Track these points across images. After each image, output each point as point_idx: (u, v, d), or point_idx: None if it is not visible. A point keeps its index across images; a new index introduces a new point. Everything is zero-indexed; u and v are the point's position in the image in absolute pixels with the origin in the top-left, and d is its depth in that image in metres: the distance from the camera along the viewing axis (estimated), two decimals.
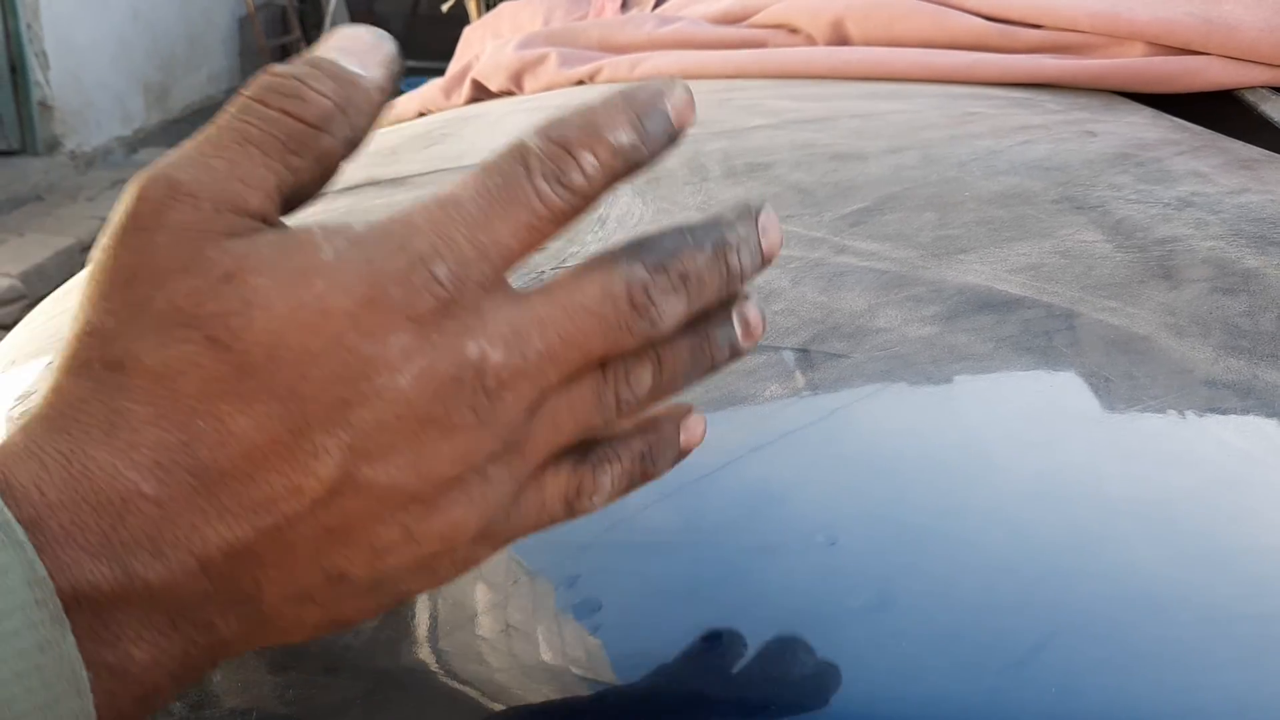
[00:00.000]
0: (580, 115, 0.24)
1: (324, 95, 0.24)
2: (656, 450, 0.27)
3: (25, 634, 0.19)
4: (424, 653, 0.30)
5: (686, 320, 0.25)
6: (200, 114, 4.29)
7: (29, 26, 3.46)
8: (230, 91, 4.47)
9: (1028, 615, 0.28)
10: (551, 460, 0.25)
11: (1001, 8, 0.79)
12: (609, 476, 0.26)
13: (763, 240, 0.25)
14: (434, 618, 0.30)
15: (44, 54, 3.51)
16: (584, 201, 0.24)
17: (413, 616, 0.30)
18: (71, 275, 0.66)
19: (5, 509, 0.20)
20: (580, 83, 0.92)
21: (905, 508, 0.32)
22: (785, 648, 0.28)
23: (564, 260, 0.48)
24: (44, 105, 3.56)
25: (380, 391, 0.22)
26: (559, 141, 0.24)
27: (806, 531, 0.31)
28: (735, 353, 0.27)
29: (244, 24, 4.47)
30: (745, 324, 0.26)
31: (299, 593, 0.23)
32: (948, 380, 0.38)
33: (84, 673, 0.20)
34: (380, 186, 0.63)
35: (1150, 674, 0.27)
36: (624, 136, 0.24)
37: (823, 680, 0.27)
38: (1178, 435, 0.36)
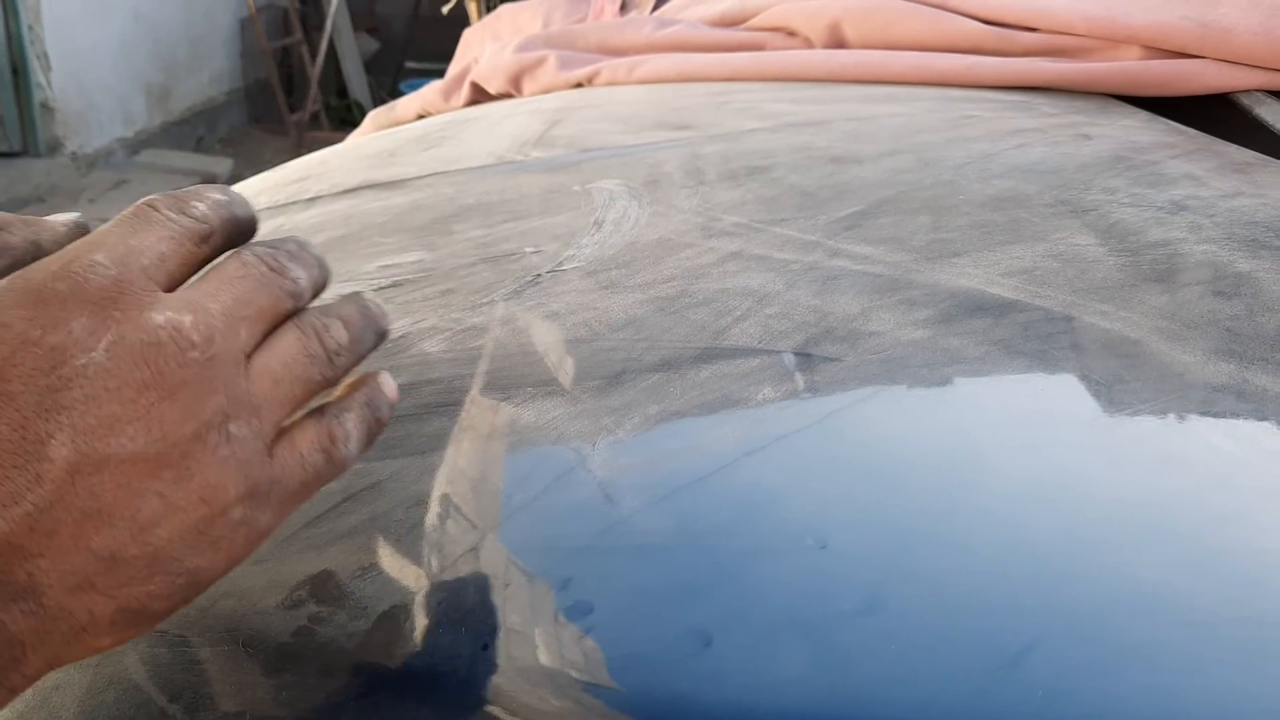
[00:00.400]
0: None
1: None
2: (375, 398, 0.30)
3: None
4: (418, 655, 0.30)
5: (314, 291, 0.30)
6: (201, 115, 4.29)
7: (30, 28, 3.46)
8: (231, 93, 4.48)
9: (1017, 617, 0.28)
10: (292, 420, 0.28)
11: (998, 11, 0.79)
12: (350, 423, 0.29)
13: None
14: (428, 620, 0.30)
15: (45, 55, 3.52)
16: (206, 226, 0.29)
17: (407, 619, 0.30)
18: None
19: None
20: (579, 85, 0.92)
21: (896, 511, 0.32)
22: (776, 650, 0.28)
23: (560, 263, 0.49)
24: (45, 107, 3.56)
25: (80, 371, 0.24)
26: (173, 195, 0.29)
27: (797, 534, 0.31)
28: (387, 325, 0.31)
29: (245, 25, 4.47)
30: (377, 304, 0.31)
31: (76, 581, 0.24)
32: (941, 383, 0.38)
33: None
34: (378, 189, 0.63)
35: (1139, 676, 0.27)
36: (217, 194, 0.30)
37: (813, 682, 0.27)
38: (1169, 438, 0.36)
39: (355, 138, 1.04)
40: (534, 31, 1.07)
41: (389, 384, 0.31)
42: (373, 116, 1.13)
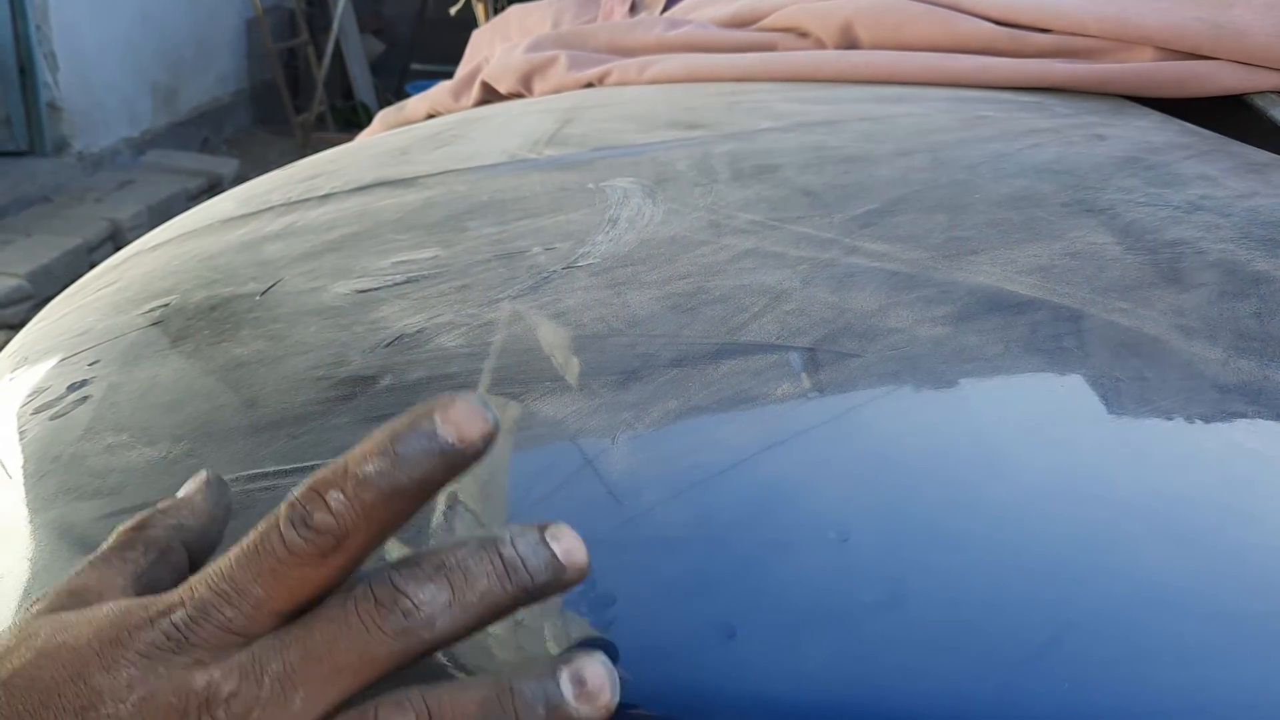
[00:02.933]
0: (340, 456, 0.24)
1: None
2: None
3: None
4: None
5: (467, 619, 0.24)
6: (207, 116, 4.30)
7: (38, 28, 3.47)
8: (237, 94, 4.48)
9: (1039, 613, 0.28)
10: None
11: (1010, 12, 0.79)
12: None
13: (553, 544, 0.24)
14: None
15: (52, 55, 3.52)
16: (334, 539, 0.24)
17: None
18: (78, 276, 0.66)
19: None
20: (589, 85, 0.92)
21: (917, 506, 0.32)
22: (798, 643, 0.28)
23: (575, 260, 0.49)
24: (52, 106, 3.57)
25: (104, 718, 0.24)
26: (313, 484, 0.24)
27: (819, 528, 0.31)
28: (560, 715, 0.23)
29: (252, 26, 4.48)
30: (580, 682, 0.24)
31: None
32: (959, 380, 0.38)
33: None
34: (391, 186, 0.63)
35: (1162, 671, 0.27)
36: (369, 466, 0.24)
37: (835, 675, 0.27)
38: (1188, 436, 0.36)
39: (364, 137, 1.04)
40: (544, 31, 1.07)
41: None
42: (381, 116, 1.13)
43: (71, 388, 0.45)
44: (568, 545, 0.25)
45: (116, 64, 3.82)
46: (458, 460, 0.24)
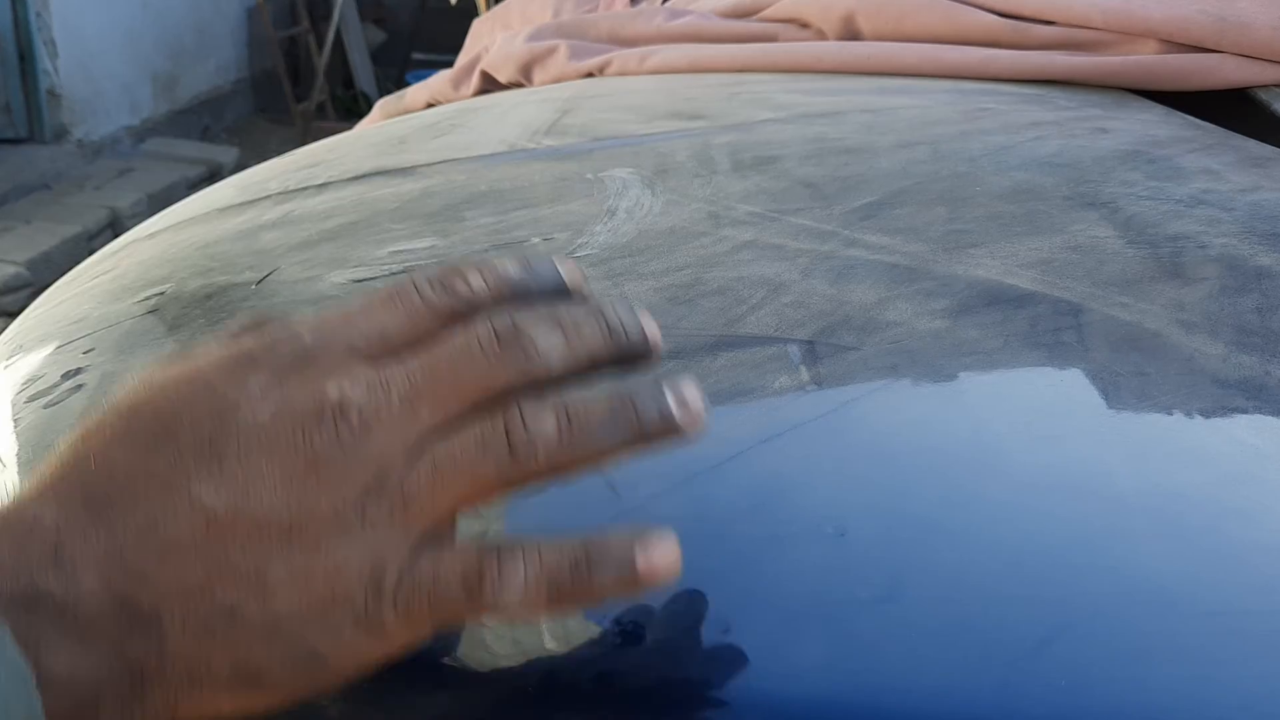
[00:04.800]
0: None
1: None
2: (596, 561, 0.24)
3: None
4: (432, 643, 0.29)
5: (577, 362, 0.25)
6: (208, 104, 4.29)
7: (38, 15, 3.45)
8: (238, 82, 4.47)
9: (1038, 608, 0.28)
10: (452, 526, 0.25)
11: (1014, 4, 0.79)
12: (521, 572, 0.24)
13: (644, 322, 0.27)
14: None
15: (53, 42, 3.51)
16: (465, 304, 0.26)
17: None
18: (78, 264, 0.66)
19: None
20: (590, 75, 0.91)
21: (915, 500, 0.32)
22: (794, 638, 0.27)
23: (574, 250, 0.48)
24: (52, 93, 3.56)
25: (243, 424, 0.25)
26: (452, 267, 0.27)
27: (816, 522, 0.31)
28: (670, 425, 0.25)
29: (253, 15, 4.47)
30: (680, 397, 0.26)
31: (197, 624, 0.24)
32: (958, 374, 0.38)
33: (29, 673, 0.22)
34: (389, 175, 0.63)
35: (1160, 668, 0.27)
36: (511, 268, 0.27)
37: (832, 671, 0.27)
38: (1189, 431, 0.35)
39: (364, 126, 1.03)
40: (544, 21, 1.07)
41: (658, 557, 0.24)
42: (381, 105, 1.13)
43: (66, 376, 0.45)
44: (653, 329, 0.27)
45: (117, 51, 3.80)
46: (556, 296, 0.27)
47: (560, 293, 0.28)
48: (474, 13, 2.56)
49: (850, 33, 0.84)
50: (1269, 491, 0.33)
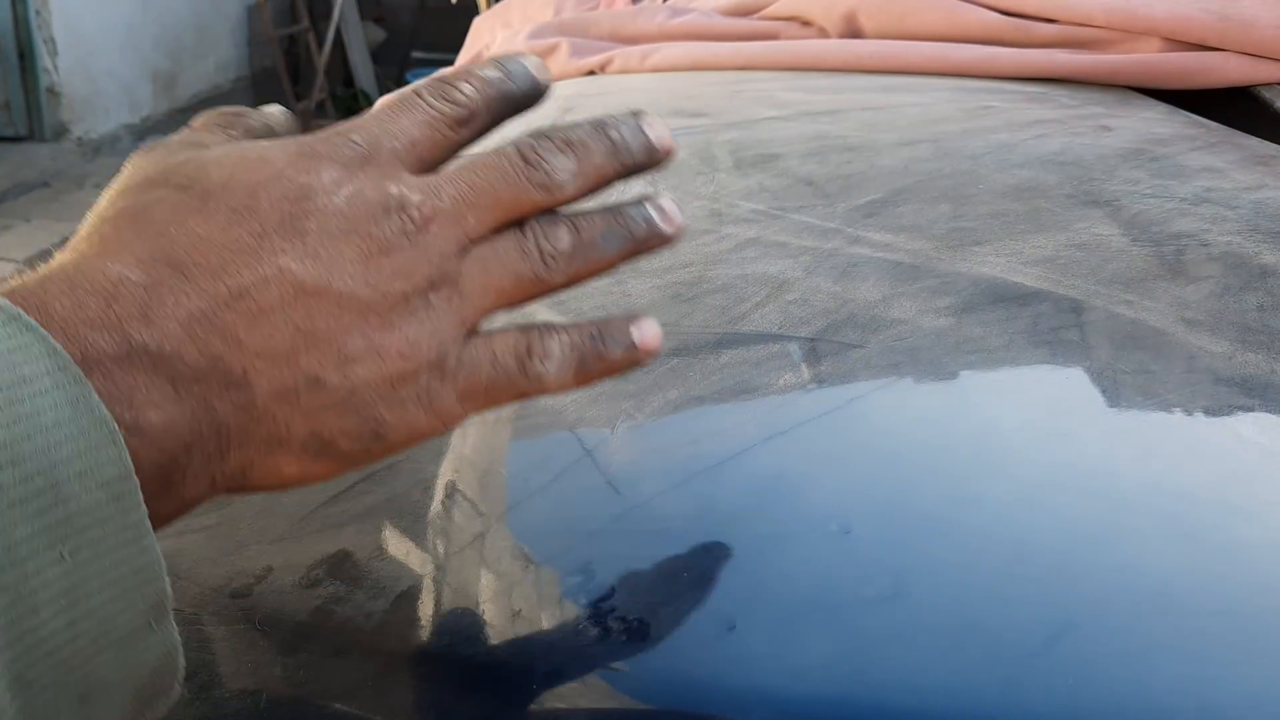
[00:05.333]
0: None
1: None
2: (606, 333, 0.29)
3: (54, 393, 0.22)
4: (434, 637, 0.29)
5: (585, 183, 0.29)
6: (208, 103, 4.28)
7: (38, 13, 3.45)
8: (238, 81, 4.47)
9: (1043, 607, 0.28)
10: (497, 315, 0.28)
11: (1016, 2, 0.79)
12: (557, 343, 0.28)
13: (645, 129, 0.30)
14: (445, 602, 0.30)
15: (52, 40, 3.51)
16: (465, 110, 0.29)
17: (424, 600, 0.30)
18: None
19: (15, 308, 0.23)
20: (591, 73, 0.91)
21: (920, 498, 0.32)
22: (798, 636, 0.27)
23: None
24: (52, 92, 3.55)
25: (322, 208, 0.26)
26: (441, 77, 0.30)
27: (820, 520, 0.30)
28: (656, 233, 0.30)
29: (252, 13, 4.46)
30: (660, 209, 0.30)
31: (281, 388, 0.26)
32: (962, 372, 0.37)
33: (113, 423, 0.22)
34: None
35: (1166, 667, 0.27)
36: (491, 72, 0.30)
37: (836, 669, 0.27)
38: (1194, 429, 0.35)
39: None
40: (545, 19, 1.07)
41: (648, 329, 0.30)
42: (382, 103, 1.13)
43: None
44: (659, 132, 0.30)
45: (117, 50, 3.80)
46: (539, 91, 0.30)
47: (536, 87, 0.30)
48: (474, 11, 2.56)
49: (852, 31, 0.84)
50: (1274, 489, 0.33)
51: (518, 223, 0.29)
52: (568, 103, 0.75)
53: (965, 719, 0.26)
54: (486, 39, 1.15)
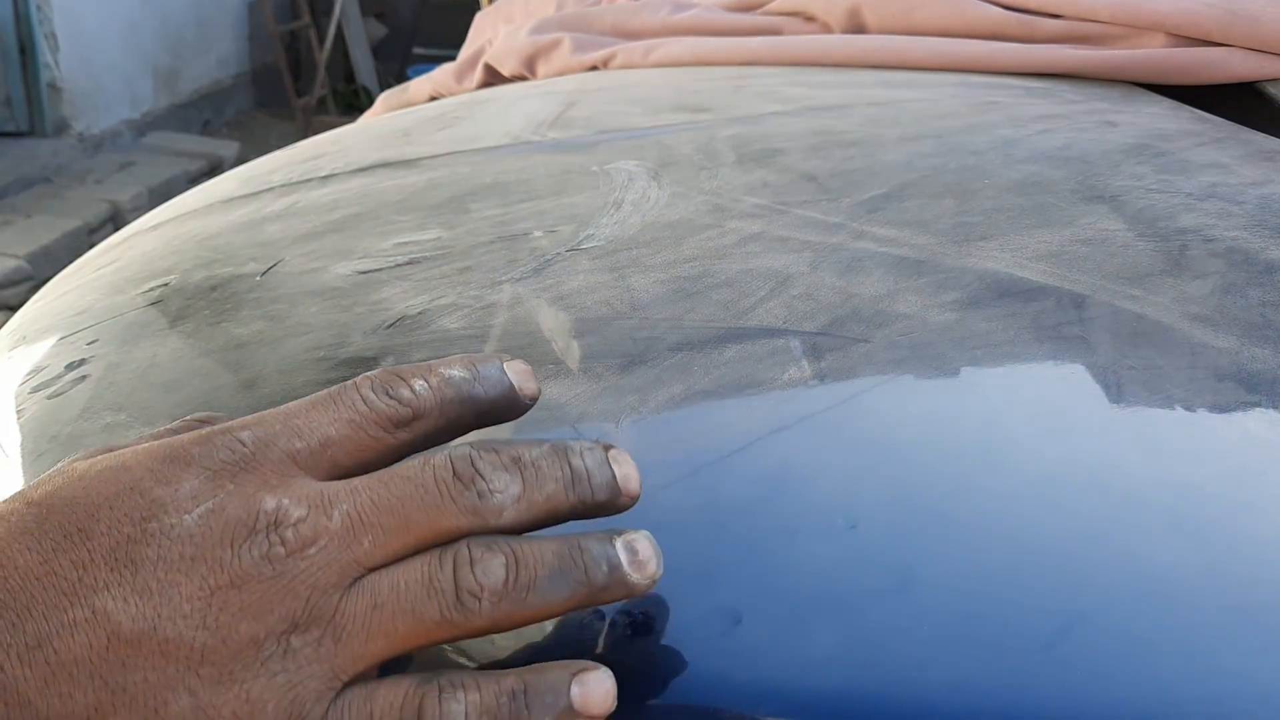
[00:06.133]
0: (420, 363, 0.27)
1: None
2: (533, 693, 0.23)
3: None
4: None
5: (528, 515, 0.24)
6: (208, 98, 4.28)
7: (39, 8, 3.45)
8: (239, 76, 4.46)
9: (1050, 601, 0.28)
10: (381, 666, 0.23)
11: None
12: (461, 706, 0.23)
13: (613, 463, 0.26)
14: None
15: (53, 35, 3.50)
16: (410, 411, 0.25)
17: None
18: (79, 256, 0.66)
19: None
20: (593, 68, 0.91)
21: (926, 492, 0.32)
22: (805, 630, 0.27)
23: (579, 243, 0.48)
24: (53, 87, 3.55)
25: (167, 530, 0.23)
26: (395, 370, 0.26)
27: (827, 514, 0.30)
28: (620, 582, 0.25)
29: (253, 8, 4.46)
30: (632, 550, 0.25)
31: None
32: (968, 367, 0.37)
33: None
34: (393, 167, 0.62)
35: (1173, 662, 0.27)
36: (455, 371, 0.26)
37: (843, 664, 0.27)
38: (1201, 425, 0.35)
39: (367, 119, 1.03)
40: (547, 14, 1.06)
41: (594, 688, 0.23)
42: (384, 98, 1.13)
43: (70, 367, 0.45)
44: (626, 471, 0.26)
45: (117, 45, 3.80)
46: (516, 404, 0.27)
47: (509, 397, 0.27)
48: (475, 7, 2.56)
49: (856, 26, 0.83)
50: None
51: (444, 540, 0.24)
52: (571, 97, 0.75)
53: (973, 712, 0.25)
54: (488, 34, 1.15)
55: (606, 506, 0.26)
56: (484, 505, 0.24)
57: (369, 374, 0.26)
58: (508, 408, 0.27)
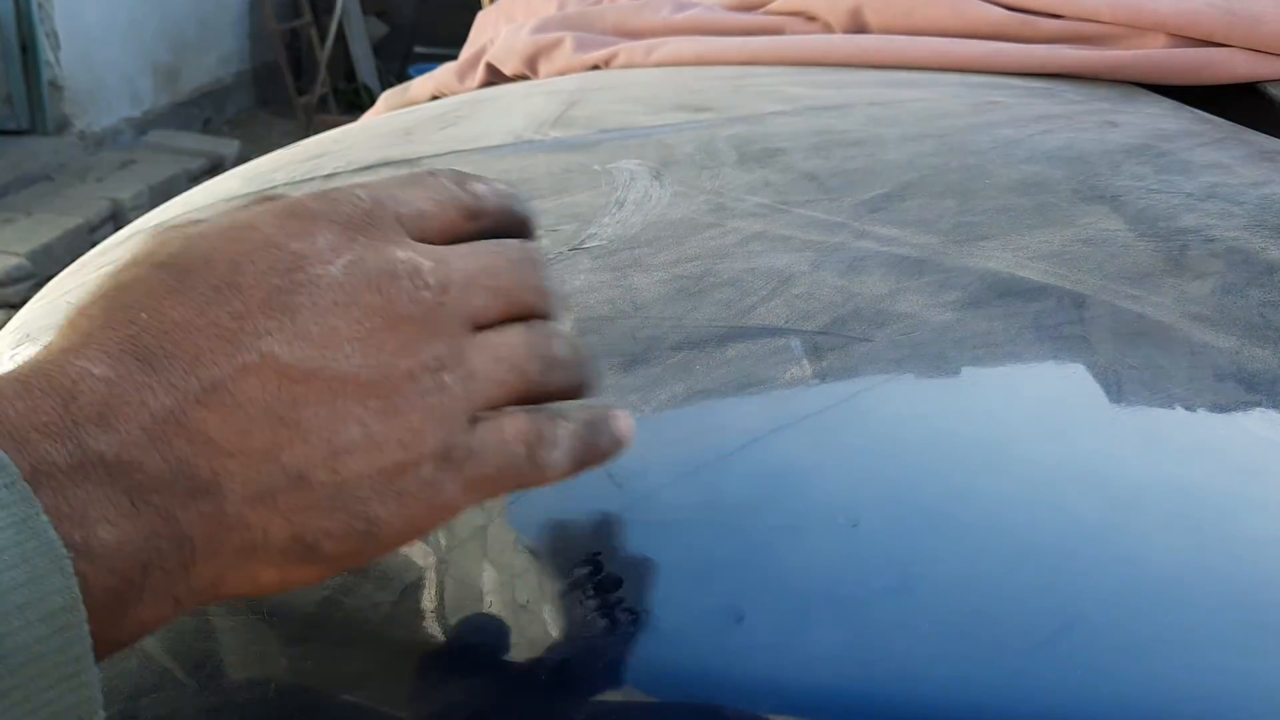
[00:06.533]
0: None
1: None
2: (599, 424, 0.28)
3: None
4: (441, 627, 0.29)
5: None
6: (209, 96, 4.28)
7: (40, 6, 3.45)
8: (240, 75, 4.46)
9: (1050, 599, 0.28)
10: (504, 406, 0.26)
11: None
12: (564, 431, 0.27)
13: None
14: (452, 593, 0.30)
15: (55, 33, 3.50)
16: (479, 204, 0.28)
17: (431, 591, 0.30)
18: (79, 255, 0.66)
19: None
20: (595, 67, 0.91)
21: (928, 491, 0.32)
22: (806, 628, 0.27)
23: (581, 242, 0.48)
24: (54, 85, 3.55)
25: (315, 279, 0.24)
26: (459, 171, 0.29)
27: (828, 513, 0.30)
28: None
29: (254, 6, 4.46)
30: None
31: (258, 490, 0.23)
32: (969, 366, 0.37)
33: (63, 550, 0.20)
34: (395, 166, 0.63)
35: (1173, 660, 0.27)
36: (502, 187, 0.29)
37: (844, 661, 0.27)
38: (1201, 424, 0.35)
39: (369, 118, 1.03)
40: (549, 13, 1.06)
41: (623, 423, 0.28)
42: (386, 97, 1.13)
43: None
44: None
45: (118, 43, 3.80)
46: (533, 230, 0.30)
47: (533, 224, 0.30)
48: (476, 6, 2.56)
49: (857, 26, 0.84)
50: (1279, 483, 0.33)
51: (519, 321, 0.27)
52: (573, 96, 0.75)
53: (973, 709, 0.26)
54: (490, 33, 1.15)
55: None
56: (545, 287, 0.28)
57: (437, 169, 0.28)
58: (531, 230, 0.30)
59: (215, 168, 3.56)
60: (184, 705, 0.29)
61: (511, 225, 0.29)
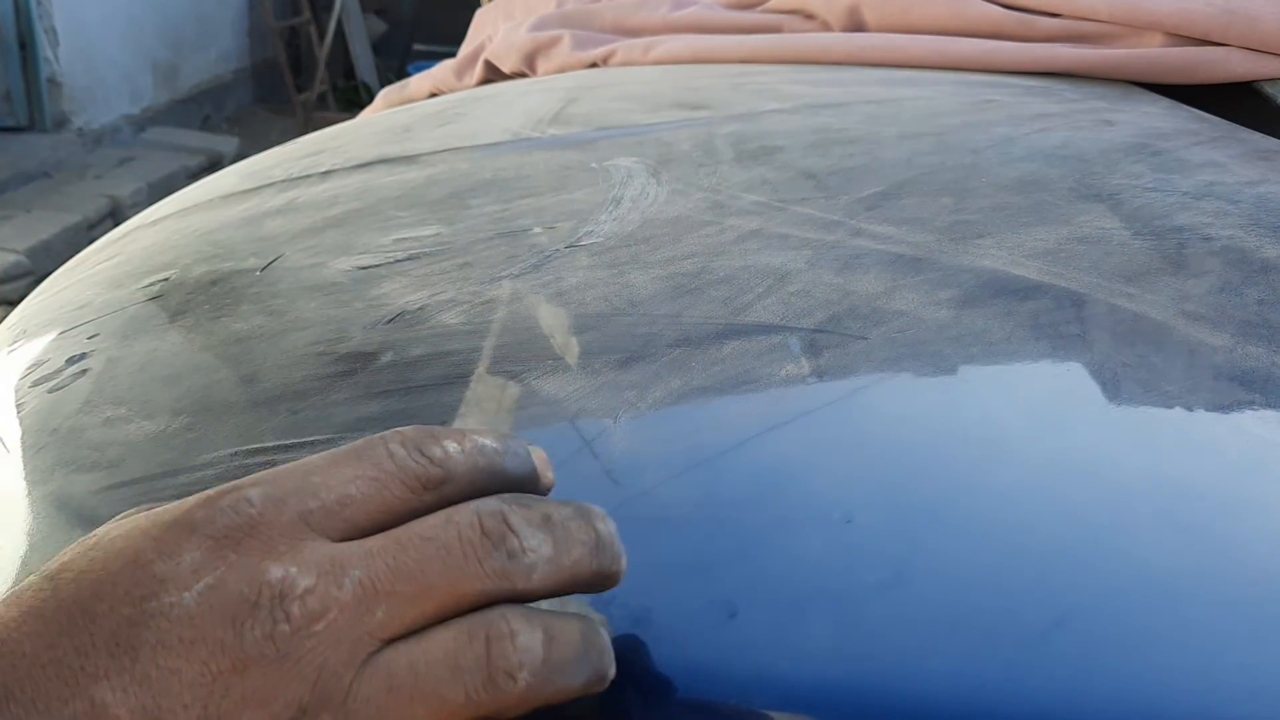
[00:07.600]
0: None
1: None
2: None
3: None
4: None
5: (555, 582, 0.22)
6: (208, 93, 4.28)
7: (39, 2, 3.45)
8: (239, 72, 4.46)
9: (1044, 596, 0.28)
10: None
11: None
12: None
13: (618, 544, 0.25)
14: None
15: (53, 30, 3.50)
16: (440, 472, 0.23)
17: None
18: (78, 252, 0.66)
19: None
20: (593, 65, 0.91)
21: (922, 488, 0.32)
22: (801, 624, 0.27)
23: (578, 239, 0.48)
24: (53, 82, 3.55)
25: (166, 610, 0.21)
26: (428, 430, 0.24)
27: (823, 509, 0.30)
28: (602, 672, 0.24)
29: (254, 4, 4.46)
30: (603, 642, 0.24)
31: None
32: (965, 364, 0.38)
33: None
34: (393, 163, 0.63)
35: (1166, 656, 0.27)
36: (487, 440, 0.24)
37: (839, 657, 0.27)
38: (1195, 421, 0.35)
39: (367, 115, 1.03)
40: (548, 10, 1.06)
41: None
42: (384, 94, 1.13)
43: (70, 361, 0.45)
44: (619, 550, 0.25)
45: (117, 40, 3.79)
46: (536, 487, 0.26)
47: (533, 478, 0.25)
48: (475, 4, 2.56)
49: (855, 24, 0.84)
50: (1274, 482, 0.33)
51: (458, 618, 0.22)
52: (570, 94, 0.75)
53: (967, 705, 0.26)
54: (488, 31, 1.15)
55: (613, 579, 0.24)
56: (513, 567, 0.22)
57: (400, 429, 0.24)
58: (531, 489, 0.25)
59: (214, 164, 3.56)
60: None
61: (498, 484, 0.24)
